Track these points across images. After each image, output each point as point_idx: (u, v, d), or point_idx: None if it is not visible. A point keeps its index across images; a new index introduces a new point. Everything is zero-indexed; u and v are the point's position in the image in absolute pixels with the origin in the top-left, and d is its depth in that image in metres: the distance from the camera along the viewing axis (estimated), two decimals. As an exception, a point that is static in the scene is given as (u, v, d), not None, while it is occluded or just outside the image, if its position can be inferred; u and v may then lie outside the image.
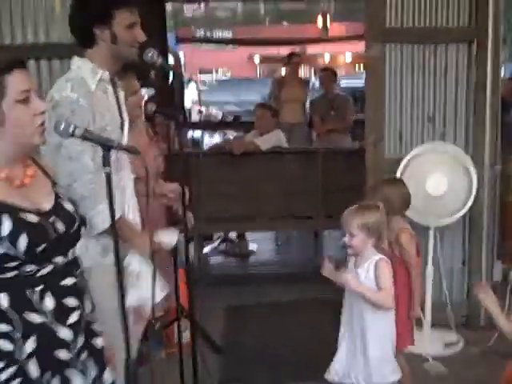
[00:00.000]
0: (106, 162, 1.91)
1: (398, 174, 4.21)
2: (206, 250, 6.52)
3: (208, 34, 26.72)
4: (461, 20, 4.49)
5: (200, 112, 10.19)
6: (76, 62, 2.49)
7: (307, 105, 7.72)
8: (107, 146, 1.93)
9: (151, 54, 2.52)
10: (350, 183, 5.00)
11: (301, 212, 5.71)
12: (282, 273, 5.94)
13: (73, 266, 1.84)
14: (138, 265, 2.48)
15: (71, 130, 1.90)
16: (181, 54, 30.30)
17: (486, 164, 4.53)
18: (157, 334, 4.09)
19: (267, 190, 5.61)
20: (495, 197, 4.74)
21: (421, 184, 4.14)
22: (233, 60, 31.06)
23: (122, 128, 2.58)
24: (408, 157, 4.25)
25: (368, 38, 4.43)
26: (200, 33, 26.17)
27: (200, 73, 33.19)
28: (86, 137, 1.94)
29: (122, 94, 2.64)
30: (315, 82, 12.89)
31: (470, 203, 4.27)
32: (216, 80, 24.47)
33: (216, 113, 11.98)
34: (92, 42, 2.46)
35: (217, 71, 35.43)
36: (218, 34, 28.17)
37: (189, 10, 29.01)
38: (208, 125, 9.12)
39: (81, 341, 1.81)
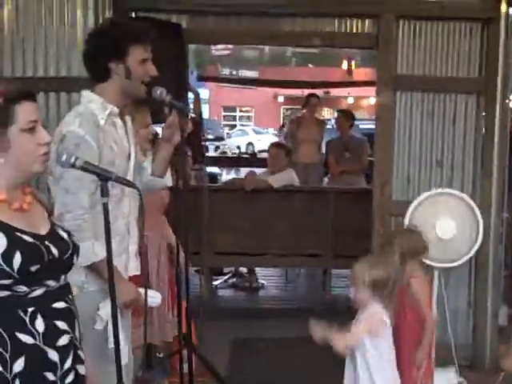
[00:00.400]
0: (103, 192, 1.99)
1: (407, 218, 4.26)
2: (216, 283, 6.62)
3: (234, 73, 27.12)
4: (471, 71, 4.63)
5: (217, 148, 10.38)
6: (86, 95, 2.56)
7: (323, 145, 7.87)
8: (105, 178, 2.02)
9: (160, 92, 2.62)
10: (360, 224, 5.08)
11: (310, 250, 5.81)
12: (289, 308, 5.99)
13: (65, 292, 1.87)
14: (106, 314, 2.48)
15: (72, 160, 1.98)
16: (206, 92, 30.81)
17: (492, 211, 4.63)
18: (161, 363, 4.19)
19: (278, 226, 5.74)
20: (502, 242, 4.81)
21: (430, 227, 4.25)
22: (257, 99, 31.48)
23: (129, 156, 2.66)
24: (417, 201, 4.32)
25: (379, 84, 4.59)
26: (226, 71, 26.59)
27: (224, 110, 33.76)
28: (86, 168, 2.02)
29: (129, 123, 2.72)
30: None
31: (475, 248, 4.36)
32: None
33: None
34: (106, 76, 2.54)
35: (240, 109, 35.90)
36: (244, 73, 28.60)
37: (217, 48, 29.48)
38: (224, 160, 9.28)
39: (67, 364, 1.81)
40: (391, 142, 4.63)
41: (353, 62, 22.28)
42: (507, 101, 4.78)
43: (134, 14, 4.70)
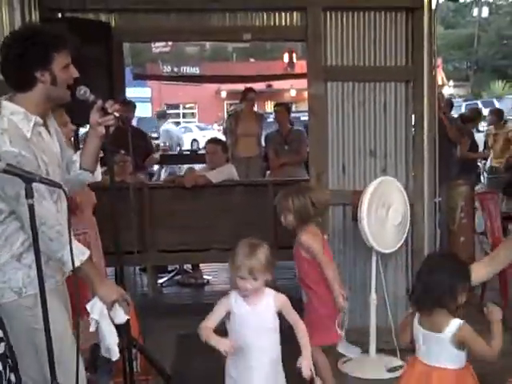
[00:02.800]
0: (28, 194, 2.01)
1: (365, 204, 4.25)
2: (161, 280, 6.61)
3: (175, 70, 26.96)
4: (398, 60, 4.75)
5: (158, 146, 10.34)
6: (7, 107, 2.51)
7: (263, 139, 7.93)
8: (29, 179, 2.04)
9: (83, 92, 2.65)
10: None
11: (253, 243, 5.84)
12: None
13: None
14: (98, 314, 2.61)
15: None
16: (148, 90, 30.52)
17: (425, 197, 4.76)
18: (106, 364, 4.17)
19: (220, 221, 5.76)
20: (435, 227, 4.95)
21: (383, 213, 4.34)
22: (200, 95, 31.40)
23: (61, 162, 2.68)
24: (371, 187, 4.31)
25: (310, 76, 4.66)
26: (167, 68, 26.42)
27: (167, 108, 33.46)
28: (9, 171, 2.04)
29: (51, 123, 2.71)
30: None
31: (404, 235, 4.49)
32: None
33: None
34: (31, 85, 2.52)
35: (184, 106, 35.72)
36: (186, 69, 28.47)
37: (157, 46, 29.24)
38: (165, 158, 9.26)
39: (5, 373, 1.88)
40: (325, 132, 4.72)
41: (294, 55, 22.43)
42: (436, 87, 4.94)
43: (60, 15, 4.66)
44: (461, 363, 2.81)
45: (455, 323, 2.75)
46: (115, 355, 2.72)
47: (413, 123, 4.79)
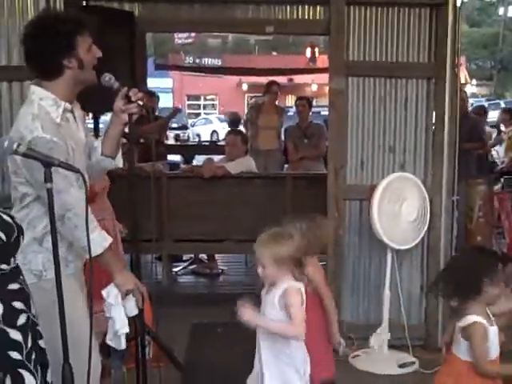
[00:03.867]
0: (47, 178, 2.03)
1: (376, 200, 4.30)
2: (176, 269, 6.66)
3: (197, 61, 27.00)
4: (421, 57, 4.72)
5: (178, 136, 10.39)
6: (37, 92, 2.54)
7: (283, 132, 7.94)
8: (48, 163, 2.06)
9: (108, 79, 2.68)
10: (317, 208, 5.08)
11: (269, 235, 5.85)
12: (249, 293, 6.01)
13: (17, 273, 1.96)
14: (114, 299, 2.65)
15: (15, 146, 2.03)
16: (169, 81, 30.60)
17: (443, 194, 4.74)
18: (118, 350, 4.21)
19: (236, 213, 5.79)
20: (452, 225, 4.93)
21: (396, 209, 4.34)
22: (221, 86, 31.43)
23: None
24: (383, 183, 4.35)
25: (331, 70, 4.65)
26: (189, 60, 26.46)
27: (188, 99, 33.62)
28: (28, 154, 2.06)
29: (77, 110, 2.73)
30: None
31: (424, 230, 4.48)
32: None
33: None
34: (59, 72, 2.54)
35: (205, 97, 35.77)
36: (208, 61, 28.50)
37: (180, 37, 29.32)
38: (184, 149, 9.29)
39: (30, 342, 1.91)
40: (344, 127, 4.71)
41: (316, 49, 22.37)
42: (459, 86, 4.91)
43: (84, 3, 4.70)
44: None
45: (470, 319, 2.76)
46: (122, 345, 2.76)
47: (433, 120, 4.76)
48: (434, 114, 4.74)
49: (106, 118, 3.78)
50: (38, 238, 2.57)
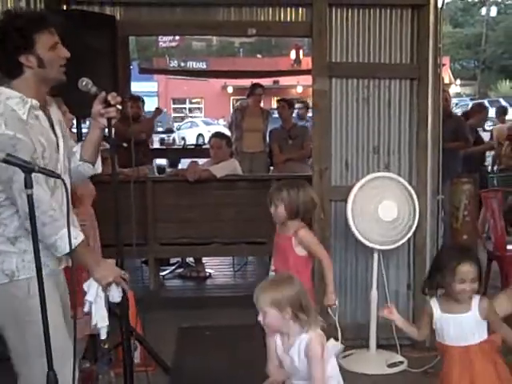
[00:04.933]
0: (27, 184, 2.02)
1: (350, 200, 4.40)
2: (163, 273, 6.64)
3: (182, 65, 26.99)
4: (403, 57, 4.74)
5: (163, 140, 10.38)
6: (3, 92, 2.52)
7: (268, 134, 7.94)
8: (28, 169, 2.05)
9: (84, 84, 2.66)
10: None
11: (256, 238, 5.86)
12: (237, 296, 6.02)
13: None
14: (94, 296, 2.64)
15: None
16: (154, 85, 30.56)
17: (428, 194, 4.76)
18: (105, 355, 4.20)
19: (223, 216, 5.79)
20: (437, 224, 4.94)
21: (373, 209, 4.39)
22: (207, 90, 31.42)
23: (57, 145, 2.67)
24: (360, 183, 4.44)
25: (314, 72, 4.65)
26: (174, 63, 26.45)
27: (173, 103, 33.57)
28: (8, 161, 2.05)
29: (53, 110, 2.72)
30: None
31: (412, 230, 4.50)
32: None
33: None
34: (19, 71, 2.53)
35: (190, 101, 35.77)
36: (193, 64, 28.51)
37: (164, 40, 29.31)
38: (170, 152, 9.28)
39: None
40: (328, 128, 4.71)
41: (301, 51, 22.43)
42: (442, 86, 4.93)
43: (65, 7, 4.67)
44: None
45: (476, 300, 2.92)
46: (103, 336, 2.75)
47: (417, 121, 4.78)
48: (417, 114, 4.76)
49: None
50: (11, 238, 2.55)
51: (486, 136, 9.25)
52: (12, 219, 2.54)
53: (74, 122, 4.31)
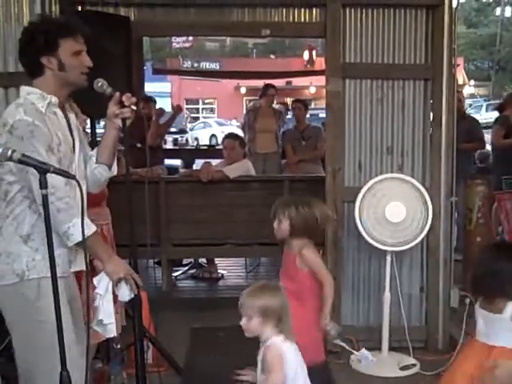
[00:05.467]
0: (42, 184, 2.03)
1: (358, 202, 4.42)
2: (176, 274, 6.65)
3: (195, 65, 27.03)
4: (417, 58, 4.72)
5: (176, 141, 10.40)
6: (25, 89, 2.64)
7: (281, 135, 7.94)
8: (43, 170, 2.06)
9: (100, 85, 2.69)
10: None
11: (268, 239, 5.83)
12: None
13: None
14: (104, 289, 2.65)
15: (9, 154, 2.04)
16: (168, 85, 30.62)
17: (442, 195, 4.74)
18: (118, 355, 4.21)
19: (236, 216, 5.79)
20: (451, 226, 4.92)
21: (381, 210, 4.38)
22: (220, 90, 31.47)
23: (74, 148, 2.71)
24: (368, 185, 4.46)
25: (328, 73, 4.65)
26: (187, 64, 26.48)
27: (187, 103, 33.58)
28: (23, 161, 2.06)
29: (72, 116, 2.78)
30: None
31: (425, 231, 4.48)
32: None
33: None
34: (40, 71, 2.62)
35: (203, 101, 35.83)
36: (206, 65, 28.54)
37: (178, 41, 29.36)
38: (183, 153, 9.29)
39: None
40: (342, 129, 4.70)
41: (314, 52, 22.39)
42: (456, 87, 4.90)
43: (80, 8, 4.70)
44: None
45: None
46: (110, 333, 2.75)
47: (431, 121, 4.76)
48: (431, 115, 4.74)
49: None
50: (24, 236, 2.56)
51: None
52: (24, 215, 2.56)
53: (88, 122, 4.33)
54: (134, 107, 2.68)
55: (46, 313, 2.41)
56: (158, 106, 7.46)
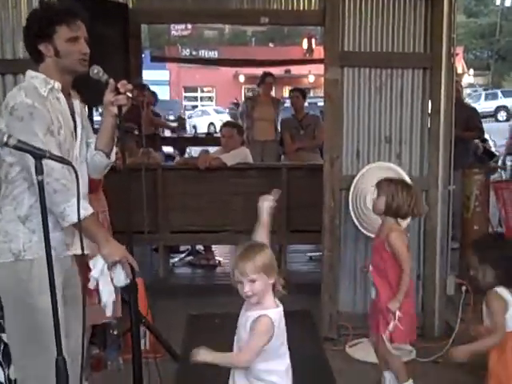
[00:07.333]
0: (38, 170, 2.04)
1: (351, 190, 4.45)
2: (173, 261, 6.67)
3: (194, 53, 26.97)
4: (416, 47, 4.70)
5: (173, 128, 10.41)
6: (29, 73, 2.67)
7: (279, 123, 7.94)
8: (39, 155, 2.06)
9: (96, 71, 2.68)
10: (313, 199, 5.14)
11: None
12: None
13: None
14: (99, 272, 2.65)
15: (5, 139, 2.04)
16: (166, 73, 30.56)
17: (439, 184, 4.75)
18: (115, 341, 4.23)
19: (233, 204, 5.81)
20: (448, 215, 4.93)
21: (364, 199, 4.42)
22: (218, 78, 31.39)
23: (75, 132, 2.73)
24: (360, 173, 4.51)
25: (326, 61, 4.63)
26: (186, 52, 26.42)
27: (185, 91, 33.52)
28: (19, 147, 2.06)
29: (76, 102, 2.79)
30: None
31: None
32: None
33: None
34: (40, 57, 2.65)
35: (202, 89, 35.73)
36: (205, 53, 28.48)
37: (176, 29, 29.27)
38: (180, 141, 9.30)
39: None
40: (340, 117, 4.70)
41: (313, 40, 22.33)
42: (455, 76, 4.90)
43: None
44: None
45: None
46: (109, 312, 2.75)
47: (429, 110, 4.76)
48: (429, 103, 4.74)
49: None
50: (22, 217, 2.59)
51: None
52: (23, 196, 2.59)
53: (86, 110, 4.33)
54: (130, 94, 2.68)
55: (36, 296, 2.48)
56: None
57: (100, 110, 5.08)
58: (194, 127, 13.51)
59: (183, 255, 6.85)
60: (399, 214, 3.57)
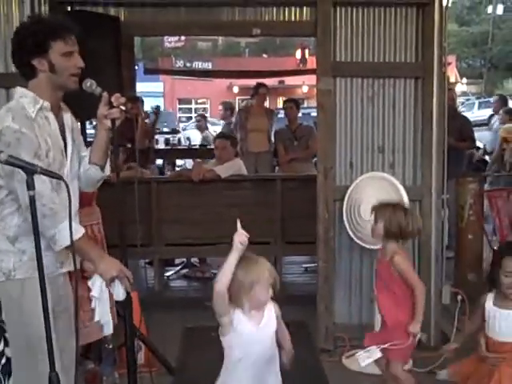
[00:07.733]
0: (29, 186, 2.03)
1: (345, 201, 4.45)
2: (168, 274, 6.64)
3: (188, 65, 27.02)
4: (408, 56, 4.73)
5: (168, 141, 10.42)
6: (19, 91, 2.64)
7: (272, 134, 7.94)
8: (31, 171, 2.05)
9: (89, 85, 2.67)
10: (308, 210, 5.13)
11: (260, 238, 5.84)
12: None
13: None
14: (98, 290, 2.65)
15: None
16: (160, 85, 30.56)
17: (433, 193, 4.75)
18: (110, 355, 4.20)
19: (227, 216, 5.76)
20: (443, 223, 4.93)
21: (358, 209, 4.43)
22: (212, 90, 31.41)
23: (66, 151, 2.71)
24: (354, 184, 4.52)
25: (319, 72, 4.64)
26: (180, 63, 26.47)
27: (179, 103, 33.53)
28: (10, 162, 2.06)
29: (67, 116, 2.77)
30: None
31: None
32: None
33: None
34: (32, 73, 2.62)
35: (196, 101, 35.75)
36: (198, 64, 28.52)
37: (170, 41, 29.32)
38: (174, 153, 9.30)
39: (0, 347, 1.93)
40: (333, 128, 4.70)
41: (306, 51, 22.42)
42: (447, 85, 4.91)
43: (69, 8, 4.68)
44: None
45: None
46: (109, 330, 2.78)
47: (422, 120, 4.77)
48: (422, 113, 4.75)
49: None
50: (11, 237, 2.59)
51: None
52: (13, 217, 2.58)
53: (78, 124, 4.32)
54: (123, 107, 2.67)
55: (29, 314, 2.46)
56: (151, 106, 7.47)
57: (94, 122, 5.09)
58: (188, 139, 13.51)
59: (178, 268, 6.82)
60: (400, 236, 3.58)
